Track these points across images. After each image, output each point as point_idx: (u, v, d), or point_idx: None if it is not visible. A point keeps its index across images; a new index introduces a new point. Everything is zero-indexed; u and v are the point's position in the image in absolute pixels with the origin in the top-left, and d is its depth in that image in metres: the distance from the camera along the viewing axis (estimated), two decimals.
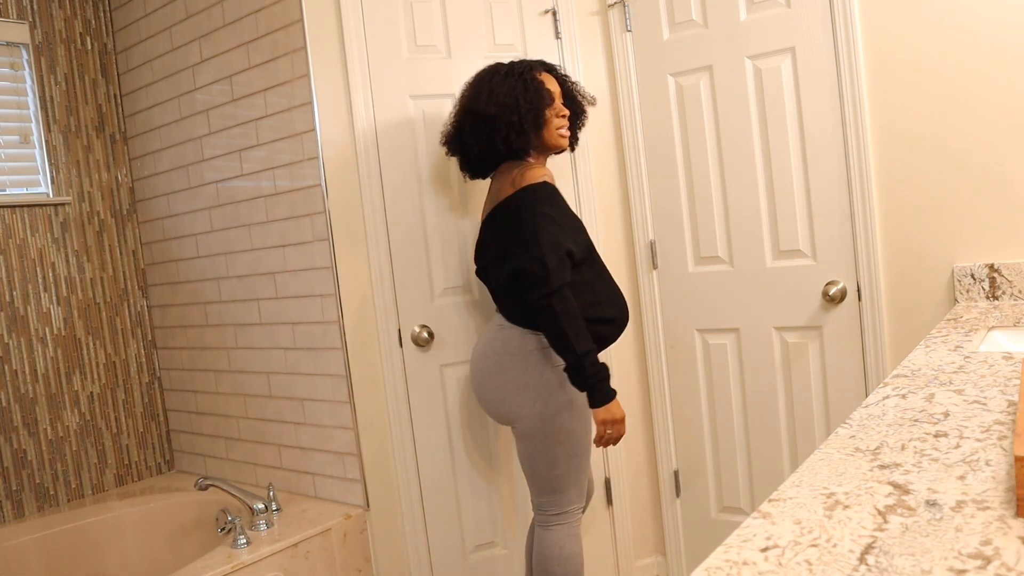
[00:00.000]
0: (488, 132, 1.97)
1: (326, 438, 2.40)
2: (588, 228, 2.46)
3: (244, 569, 2.03)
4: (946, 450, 0.90)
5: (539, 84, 1.97)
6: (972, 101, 1.97)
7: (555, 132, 2.00)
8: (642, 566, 2.59)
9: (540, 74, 2.01)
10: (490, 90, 1.98)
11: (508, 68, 2.00)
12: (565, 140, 2.03)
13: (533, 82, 1.96)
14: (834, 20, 2.11)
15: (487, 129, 1.97)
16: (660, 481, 2.57)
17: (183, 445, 2.96)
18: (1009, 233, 1.96)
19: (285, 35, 2.27)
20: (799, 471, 0.90)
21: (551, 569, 2.00)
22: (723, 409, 2.44)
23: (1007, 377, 1.19)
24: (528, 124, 1.94)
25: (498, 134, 1.95)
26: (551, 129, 1.99)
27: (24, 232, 2.66)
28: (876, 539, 0.70)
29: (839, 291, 2.18)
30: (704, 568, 0.69)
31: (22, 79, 2.69)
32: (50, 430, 2.69)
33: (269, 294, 2.48)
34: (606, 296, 1.99)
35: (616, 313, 2.00)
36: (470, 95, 2.02)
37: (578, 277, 1.93)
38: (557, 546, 2.00)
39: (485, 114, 1.97)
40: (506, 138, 1.95)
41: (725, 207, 2.37)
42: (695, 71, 2.37)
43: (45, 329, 2.69)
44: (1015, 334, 1.62)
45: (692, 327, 2.47)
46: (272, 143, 2.38)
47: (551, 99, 1.98)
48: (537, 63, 2.04)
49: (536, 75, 1.99)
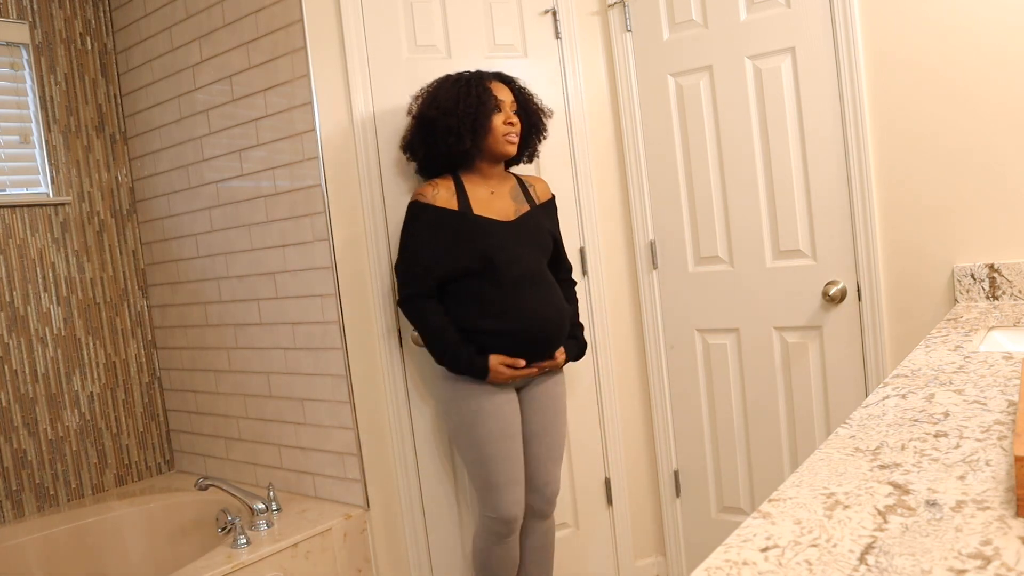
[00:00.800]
0: (431, 136, 2.05)
1: (326, 438, 2.40)
2: (588, 228, 2.47)
3: (244, 569, 2.03)
4: (946, 450, 0.90)
5: (483, 91, 2.01)
6: (972, 101, 1.97)
7: (501, 139, 2.03)
8: (642, 566, 2.59)
9: (491, 83, 2.06)
10: (435, 95, 2.06)
11: (458, 76, 2.07)
12: (511, 148, 2.05)
13: (477, 88, 2.01)
14: (834, 20, 2.11)
15: (430, 133, 2.05)
16: (660, 481, 2.57)
17: (183, 445, 2.96)
18: (1009, 233, 1.96)
19: (285, 35, 2.27)
20: (799, 471, 0.90)
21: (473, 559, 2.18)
22: (723, 409, 2.44)
23: (1007, 377, 1.19)
24: (465, 128, 1.99)
25: (439, 137, 2.02)
26: (496, 136, 2.03)
27: (24, 232, 2.66)
28: (876, 539, 0.70)
29: (839, 291, 2.18)
30: (704, 568, 0.69)
31: (22, 79, 2.69)
32: (50, 430, 2.69)
33: (269, 294, 2.48)
34: (497, 309, 2.01)
35: (501, 326, 2.01)
36: (420, 102, 2.10)
37: (463, 288, 2.04)
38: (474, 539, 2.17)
39: (427, 118, 2.05)
40: (445, 141, 2.01)
41: (725, 207, 2.37)
42: (695, 71, 2.37)
43: (45, 329, 2.69)
44: (1015, 334, 1.62)
45: (692, 327, 2.47)
46: (272, 143, 2.38)
47: (496, 106, 2.02)
48: (493, 74, 2.09)
49: (485, 83, 2.04)
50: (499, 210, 2.07)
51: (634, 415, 2.57)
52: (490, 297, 2.02)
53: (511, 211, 2.09)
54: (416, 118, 2.11)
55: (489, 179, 2.11)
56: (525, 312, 2.02)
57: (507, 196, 2.11)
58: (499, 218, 2.06)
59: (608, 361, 2.51)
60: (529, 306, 2.02)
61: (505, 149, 2.05)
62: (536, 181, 2.21)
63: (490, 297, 2.02)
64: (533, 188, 2.18)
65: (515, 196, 2.12)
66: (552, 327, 2.06)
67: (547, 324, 2.05)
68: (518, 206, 2.11)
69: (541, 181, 2.22)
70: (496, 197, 2.10)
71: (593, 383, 2.50)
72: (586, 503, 2.51)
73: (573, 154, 2.45)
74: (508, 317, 2.02)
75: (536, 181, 2.21)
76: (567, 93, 2.45)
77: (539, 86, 2.42)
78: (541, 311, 2.04)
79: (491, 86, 2.05)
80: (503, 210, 2.08)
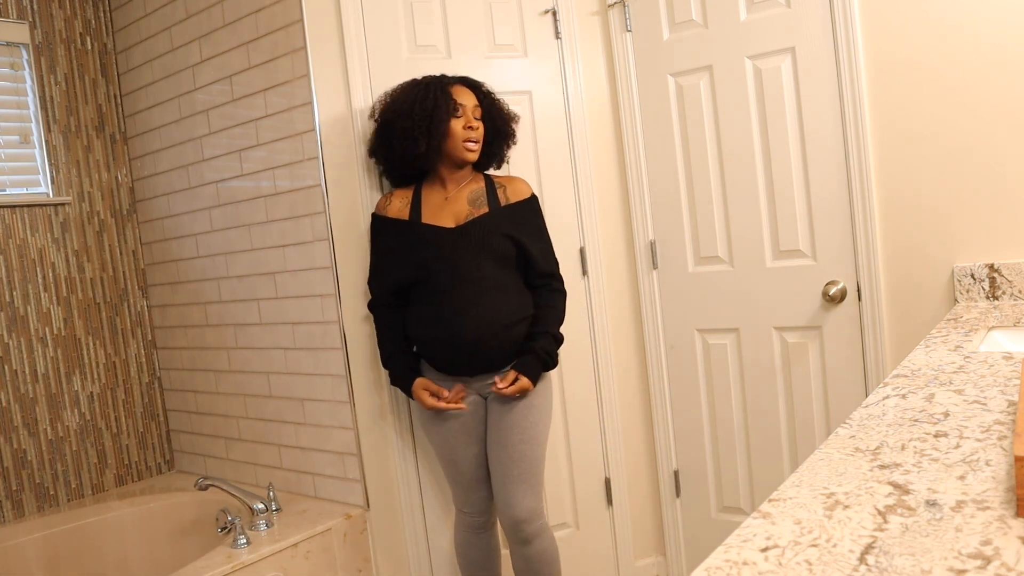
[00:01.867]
0: (388, 139, 2.04)
1: (326, 438, 2.40)
2: (588, 228, 2.47)
3: (244, 569, 2.03)
4: (946, 450, 0.90)
5: (440, 94, 1.98)
6: (972, 101, 1.97)
7: (460, 144, 2.00)
8: (642, 566, 2.59)
9: (453, 87, 2.03)
10: (393, 99, 2.05)
11: (420, 80, 2.05)
12: (470, 154, 2.02)
13: (435, 91, 1.98)
14: (834, 20, 2.11)
15: (387, 136, 2.04)
16: (660, 481, 2.57)
17: (183, 445, 2.96)
18: (1009, 233, 1.96)
19: (285, 35, 2.27)
20: (799, 471, 0.90)
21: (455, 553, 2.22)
22: (723, 409, 2.44)
23: (1007, 377, 1.19)
24: (420, 131, 1.96)
25: (395, 141, 2.01)
26: (455, 141, 2.00)
27: (24, 232, 2.66)
28: (876, 539, 0.70)
29: (839, 291, 2.18)
30: (704, 568, 0.69)
31: (22, 79, 2.68)
32: (50, 430, 2.69)
33: (269, 294, 2.48)
34: (428, 316, 2.01)
35: (429, 333, 2.02)
36: (380, 106, 2.09)
37: (412, 297, 2.06)
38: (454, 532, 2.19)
39: (384, 120, 2.04)
40: (401, 145, 1.99)
41: (725, 207, 2.37)
42: (695, 71, 2.37)
43: (45, 329, 2.69)
44: (1015, 334, 1.62)
45: (692, 327, 2.47)
46: (272, 143, 2.38)
47: (456, 110, 1.99)
48: (457, 78, 2.07)
49: (446, 87, 2.01)
50: (448, 216, 2.03)
51: (634, 415, 2.57)
52: (425, 305, 2.02)
53: (462, 216, 2.03)
54: (377, 121, 2.09)
55: (448, 185, 2.07)
56: (452, 320, 1.96)
57: (463, 201, 2.05)
58: (444, 225, 2.02)
59: (608, 361, 2.51)
60: (457, 314, 1.96)
61: (464, 155, 2.02)
62: (510, 181, 2.12)
63: (425, 305, 2.02)
64: (504, 189, 2.09)
65: (474, 200, 2.05)
66: (485, 336, 1.96)
67: (478, 332, 1.95)
68: (472, 210, 2.03)
69: (517, 181, 2.13)
70: (450, 203, 2.05)
71: (593, 383, 2.50)
72: (586, 503, 2.51)
73: (573, 154, 2.45)
74: (436, 325, 1.99)
75: (510, 181, 2.12)
76: (567, 93, 2.45)
77: (539, 86, 2.42)
78: (472, 319, 1.95)
79: (453, 90, 2.01)
80: (453, 215, 2.03)
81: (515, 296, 2.03)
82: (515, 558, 2.08)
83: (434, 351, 2.04)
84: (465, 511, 2.12)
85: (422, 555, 2.37)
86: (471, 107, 2.03)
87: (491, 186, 2.09)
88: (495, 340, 1.98)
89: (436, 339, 2.01)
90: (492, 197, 2.06)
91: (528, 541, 2.02)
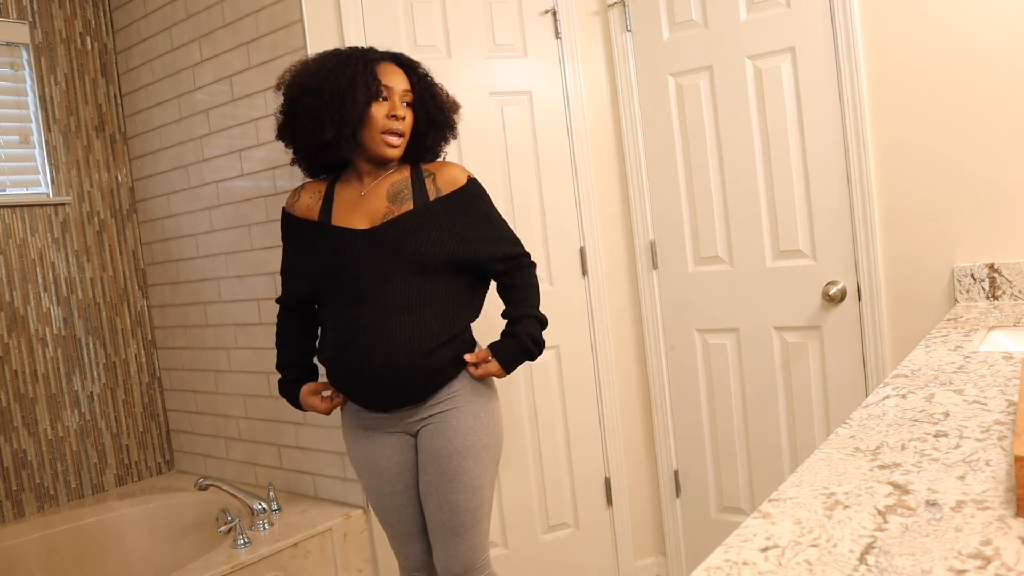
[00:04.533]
0: (292, 118, 1.67)
1: (326, 438, 2.40)
2: (588, 228, 2.47)
3: (244, 569, 2.03)
4: (946, 450, 0.90)
5: (362, 71, 1.60)
6: (972, 99, 1.96)
7: (378, 136, 1.63)
8: (642, 566, 2.59)
9: (380, 64, 1.65)
10: (303, 69, 1.66)
11: (343, 50, 1.68)
12: (389, 150, 1.64)
13: (356, 66, 1.60)
14: (834, 20, 2.11)
15: (291, 114, 1.67)
16: (660, 481, 2.57)
17: (183, 445, 2.96)
18: (1009, 233, 1.96)
19: (285, 35, 2.27)
20: (799, 471, 0.90)
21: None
22: (723, 409, 2.44)
23: (1007, 377, 1.19)
24: (328, 114, 1.58)
25: (298, 121, 1.64)
26: (372, 131, 1.62)
27: (24, 232, 2.66)
28: (876, 539, 0.70)
29: (839, 291, 2.18)
30: (704, 568, 0.69)
31: (22, 79, 2.68)
32: (50, 430, 2.69)
33: (269, 294, 2.48)
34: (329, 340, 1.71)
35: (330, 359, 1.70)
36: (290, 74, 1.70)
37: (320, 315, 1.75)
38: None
39: (288, 95, 1.66)
40: (305, 126, 1.62)
41: (725, 207, 2.37)
42: (695, 71, 2.37)
43: (45, 329, 2.69)
44: (1015, 334, 1.62)
45: (692, 327, 2.47)
46: (272, 143, 2.37)
47: (376, 93, 1.61)
48: (388, 54, 1.69)
49: (371, 63, 1.63)
50: (361, 216, 1.67)
51: (634, 415, 2.57)
52: (329, 326, 1.69)
53: (379, 215, 1.66)
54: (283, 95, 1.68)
55: (365, 177, 1.71)
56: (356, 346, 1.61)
57: (382, 197, 1.68)
58: (356, 227, 1.65)
59: (608, 361, 2.51)
60: (362, 339, 1.60)
61: (382, 151, 1.64)
62: (440, 168, 1.73)
63: (329, 326, 1.69)
64: (433, 178, 1.70)
65: (395, 194, 1.67)
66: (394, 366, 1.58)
67: (385, 361, 1.58)
68: (391, 207, 1.66)
69: (450, 167, 1.74)
70: (366, 199, 1.68)
71: (593, 383, 2.50)
72: (586, 503, 2.51)
73: (573, 154, 2.45)
74: (340, 351, 1.65)
75: (440, 168, 1.73)
76: (567, 93, 2.45)
77: (539, 86, 2.42)
78: (379, 345, 1.59)
79: (379, 68, 1.64)
80: (368, 215, 1.66)
81: (439, 311, 1.63)
82: None
83: (340, 382, 1.68)
84: (401, 564, 1.80)
85: None
86: (399, 91, 1.65)
87: (418, 176, 1.71)
88: (408, 372, 1.60)
89: (340, 368, 1.67)
90: (419, 190, 1.68)
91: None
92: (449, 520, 1.67)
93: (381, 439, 1.71)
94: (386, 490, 1.73)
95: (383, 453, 1.71)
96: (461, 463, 1.66)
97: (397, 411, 1.68)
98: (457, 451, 1.66)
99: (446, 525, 1.67)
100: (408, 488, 1.72)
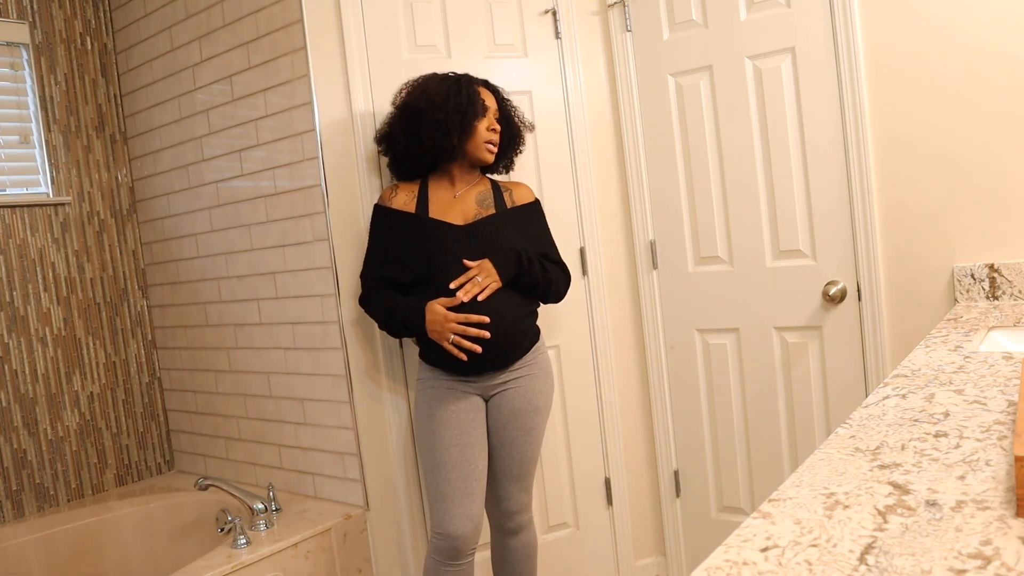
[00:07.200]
0: (415, 127, 2.01)
1: (326, 438, 2.40)
2: (588, 228, 2.47)
3: (244, 569, 2.03)
4: (946, 450, 0.90)
5: (473, 92, 2.00)
6: (973, 99, 1.97)
7: (481, 144, 2.03)
8: (642, 566, 2.59)
9: (479, 87, 2.05)
10: (424, 88, 2.03)
11: (448, 75, 2.06)
12: (489, 156, 2.05)
13: (467, 89, 2.00)
14: (834, 20, 2.11)
15: (415, 124, 2.01)
16: (660, 481, 2.57)
17: (183, 445, 2.96)
18: (1009, 233, 1.96)
19: (285, 35, 2.27)
20: (799, 471, 0.90)
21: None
22: (723, 409, 2.44)
23: (1007, 377, 1.19)
24: (453, 125, 1.96)
25: (424, 130, 1.98)
26: (478, 140, 2.02)
27: (24, 232, 2.66)
28: (876, 539, 0.70)
29: (839, 291, 2.18)
30: (704, 568, 0.69)
31: (22, 79, 2.68)
32: (50, 430, 2.69)
33: (269, 294, 2.48)
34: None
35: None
36: (406, 94, 2.06)
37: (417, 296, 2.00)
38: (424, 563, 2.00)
39: (414, 109, 2.01)
40: (431, 135, 1.98)
41: (725, 207, 2.37)
42: (695, 71, 2.37)
43: (45, 329, 2.69)
44: (1015, 334, 1.62)
45: (692, 327, 2.47)
46: (272, 143, 2.38)
47: (483, 111, 2.02)
48: (481, 80, 2.09)
49: (474, 86, 2.03)
50: (457, 214, 2.03)
51: (634, 415, 2.57)
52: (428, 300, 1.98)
53: (471, 215, 2.04)
54: (400, 108, 2.06)
55: (457, 183, 2.07)
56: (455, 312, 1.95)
57: (471, 200, 2.06)
58: (453, 222, 2.02)
59: (608, 361, 2.51)
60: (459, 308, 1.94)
61: (484, 155, 2.04)
62: (515, 186, 2.15)
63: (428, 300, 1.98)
64: (510, 193, 2.12)
65: (481, 200, 2.07)
66: (496, 332, 1.94)
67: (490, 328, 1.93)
68: (480, 210, 2.05)
69: (522, 186, 2.16)
70: (459, 200, 2.06)
71: (593, 383, 2.50)
72: (586, 503, 2.51)
73: (573, 154, 2.45)
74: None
75: (515, 186, 2.15)
76: (567, 93, 2.45)
77: (539, 86, 2.42)
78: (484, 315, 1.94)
79: (479, 90, 2.04)
80: (462, 214, 2.04)
81: (514, 298, 2.01)
82: (498, 551, 2.10)
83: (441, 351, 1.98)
84: (439, 532, 1.94)
85: (422, 555, 2.36)
86: (493, 110, 2.06)
87: (497, 189, 2.11)
88: (505, 336, 1.97)
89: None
90: (499, 200, 2.08)
91: (515, 532, 2.08)
92: (518, 467, 2.04)
93: (465, 399, 2.01)
94: (461, 441, 1.98)
95: (466, 409, 2.00)
96: (535, 419, 2.05)
97: (486, 374, 2.00)
98: (533, 409, 2.04)
99: (514, 472, 2.04)
100: (474, 444, 2.00)
